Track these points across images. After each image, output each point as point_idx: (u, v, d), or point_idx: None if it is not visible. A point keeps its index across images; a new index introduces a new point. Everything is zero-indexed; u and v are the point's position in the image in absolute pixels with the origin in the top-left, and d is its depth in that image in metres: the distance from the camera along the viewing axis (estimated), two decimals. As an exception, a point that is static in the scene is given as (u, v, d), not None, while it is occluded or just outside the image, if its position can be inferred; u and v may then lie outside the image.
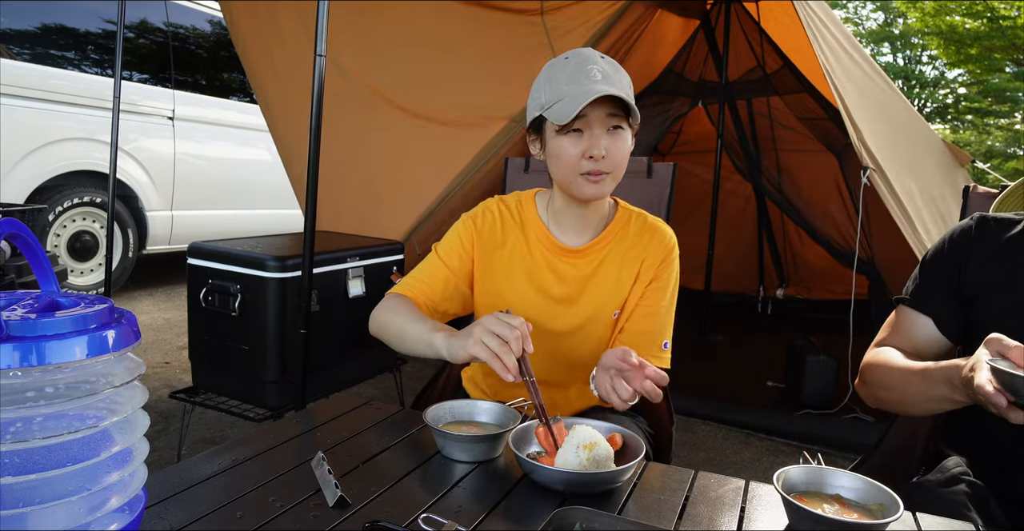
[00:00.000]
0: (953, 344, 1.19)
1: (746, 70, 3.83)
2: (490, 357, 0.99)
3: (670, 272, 1.34)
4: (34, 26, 4.10)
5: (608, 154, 1.18)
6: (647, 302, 1.32)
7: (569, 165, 1.19)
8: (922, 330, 1.18)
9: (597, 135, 1.17)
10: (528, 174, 2.09)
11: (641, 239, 1.33)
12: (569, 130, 1.18)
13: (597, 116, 1.17)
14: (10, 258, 2.14)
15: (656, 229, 1.34)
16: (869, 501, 0.84)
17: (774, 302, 5.05)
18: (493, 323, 1.01)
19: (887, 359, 1.15)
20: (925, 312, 1.18)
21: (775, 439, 2.88)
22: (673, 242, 1.35)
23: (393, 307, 1.27)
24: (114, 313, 0.66)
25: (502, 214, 1.35)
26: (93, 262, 4.46)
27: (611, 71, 1.18)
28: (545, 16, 3.23)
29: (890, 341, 1.22)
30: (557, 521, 0.75)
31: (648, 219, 1.36)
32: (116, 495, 0.64)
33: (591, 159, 1.17)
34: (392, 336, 1.25)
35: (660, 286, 1.32)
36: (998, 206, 1.33)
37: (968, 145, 14.51)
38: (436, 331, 1.13)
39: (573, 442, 0.93)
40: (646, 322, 1.32)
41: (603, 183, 1.20)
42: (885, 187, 2.52)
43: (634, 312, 1.32)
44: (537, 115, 1.23)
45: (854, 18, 16.90)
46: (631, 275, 1.32)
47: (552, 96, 1.18)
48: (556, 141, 1.20)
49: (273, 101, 3.51)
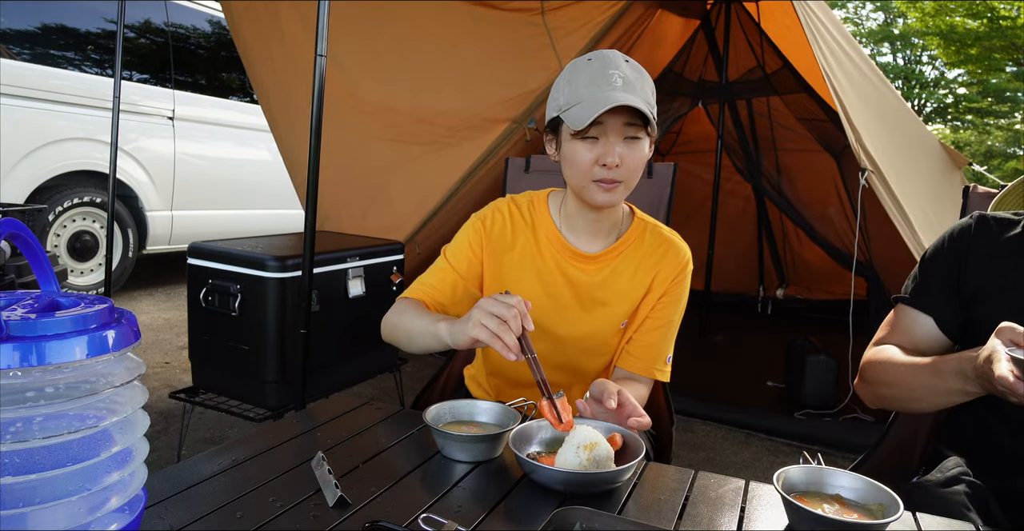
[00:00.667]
0: (952, 343, 1.18)
1: (746, 70, 3.83)
2: (490, 338, 0.99)
3: (683, 288, 1.33)
4: (34, 26, 4.10)
5: (623, 162, 1.16)
6: (657, 315, 1.32)
7: (582, 171, 1.18)
8: (922, 329, 1.18)
9: (612, 143, 1.15)
10: (528, 174, 2.09)
11: (656, 251, 1.32)
12: (584, 136, 1.16)
13: (613, 125, 1.14)
14: (10, 258, 2.14)
15: (672, 244, 1.33)
16: (869, 501, 0.84)
17: (774, 302, 5.06)
18: (490, 304, 1.01)
19: (889, 356, 1.15)
20: (926, 311, 1.18)
21: (775, 439, 2.88)
22: (688, 258, 1.34)
23: (401, 310, 1.27)
24: (114, 313, 0.66)
25: (512, 215, 1.34)
26: (93, 262, 4.46)
27: (634, 77, 1.16)
28: (546, 16, 3.24)
29: (890, 339, 1.21)
30: (557, 521, 0.75)
31: (663, 232, 1.35)
32: (116, 495, 0.64)
33: (604, 167, 1.16)
34: (402, 338, 1.25)
35: (672, 301, 1.32)
36: (996, 205, 1.33)
37: (968, 145, 14.52)
38: (439, 321, 1.13)
39: (573, 442, 0.93)
40: (655, 335, 1.32)
41: (615, 191, 1.19)
42: (883, 189, 2.52)
43: (644, 323, 1.32)
44: (555, 116, 1.21)
45: (854, 18, 16.91)
46: (643, 287, 1.31)
47: (570, 99, 1.16)
48: (571, 145, 1.18)
49: (274, 101, 3.51)
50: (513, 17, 3.23)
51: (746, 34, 3.77)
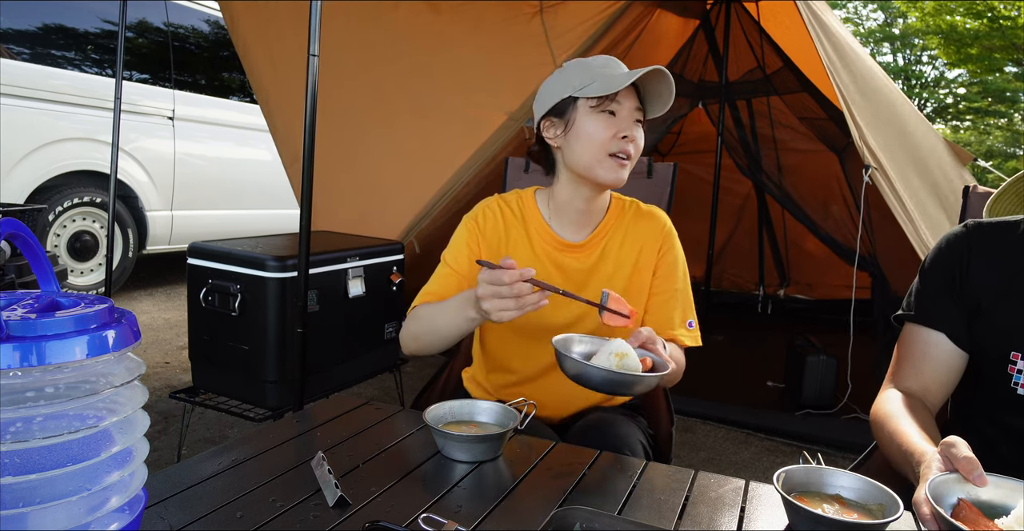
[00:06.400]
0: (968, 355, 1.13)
1: (746, 70, 3.82)
2: (512, 316, 1.04)
3: (674, 256, 1.37)
4: (34, 26, 4.10)
5: (635, 140, 1.25)
6: (658, 290, 1.36)
7: (600, 144, 1.23)
8: (937, 349, 1.12)
9: (627, 118, 1.24)
10: (528, 174, 2.09)
11: (636, 226, 1.37)
12: (604, 110, 1.23)
13: (628, 106, 1.24)
14: (10, 258, 2.14)
15: (650, 215, 1.39)
16: (869, 501, 0.84)
17: (775, 302, 5.05)
18: (485, 297, 1.03)
19: (885, 414, 1.09)
20: (937, 328, 1.13)
21: (775, 439, 2.88)
22: (667, 226, 1.39)
23: (415, 316, 1.28)
24: (114, 313, 0.66)
25: (503, 210, 1.37)
26: (93, 262, 4.46)
27: None
28: (544, 15, 3.24)
29: (906, 371, 1.15)
30: (557, 521, 0.75)
31: (641, 207, 1.40)
32: (116, 495, 0.64)
33: (624, 139, 1.23)
34: (429, 339, 1.25)
35: (667, 272, 1.36)
36: (991, 205, 1.30)
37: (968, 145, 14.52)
38: (462, 307, 1.14)
39: (608, 350, 1.03)
40: (665, 308, 1.35)
41: (626, 168, 1.26)
42: (887, 186, 2.52)
43: (649, 302, 1.36)
44: (566, 97, 1.26)
45: (854, 18, 16.91)
46: (630, 262, 1.35)
47: (587, 78, 1.24)
48: (589, 120, 1.24)
49: (273, 101, 3.51)
50: (509, 16, 3.23)
51: (746, 34, 3.76)
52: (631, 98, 1.25)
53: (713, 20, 3.98)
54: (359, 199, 3.57)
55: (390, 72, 3.39)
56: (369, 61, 3.36)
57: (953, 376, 1.12)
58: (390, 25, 3.28)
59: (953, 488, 0.79)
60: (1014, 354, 1.06)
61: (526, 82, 3.23)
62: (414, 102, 3.41)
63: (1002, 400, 1.08)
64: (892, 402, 1.10)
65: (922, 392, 1.12)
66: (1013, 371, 1.06)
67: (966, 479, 0.79)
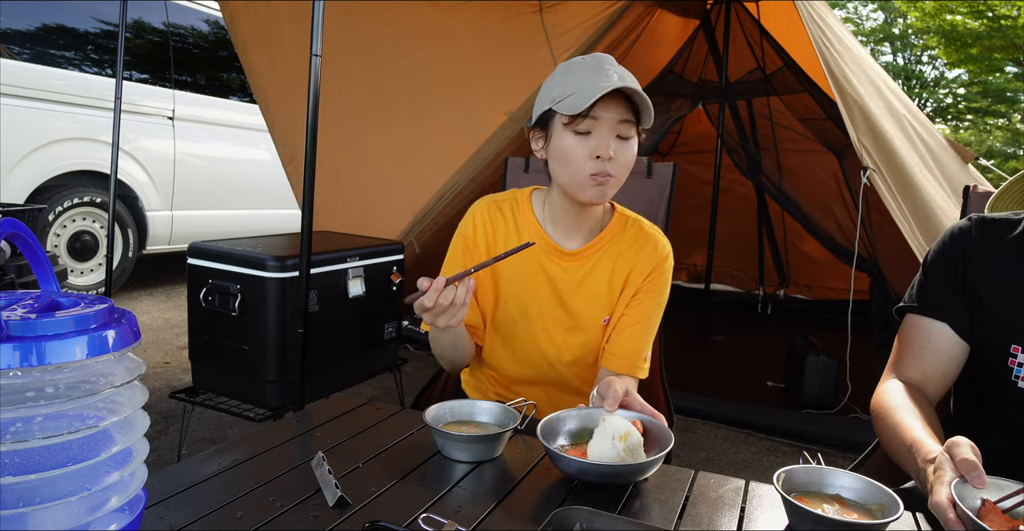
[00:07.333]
0: None
1: (746, 71, 3.82)
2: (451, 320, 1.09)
3: (661, 283, 1.32)
4: (34, 26, 4.10)
5: (615, 157, 1.16)
6: (634, 312, 1.30)
7: (576, 165, 1.17)
8: (940, 339, 1.13)
9: (605, 136, 1.16)
10: (528, 174, 2.08)
11: (633, 247, 1.31)
12: (577, 129, 1.16)
13: (607, 120, 1.15)
14: (10, 258, 2.14)
15: (650, 239, 1.32)
16: (869, 501, 0.84)
17: (774, 302, 5.06)
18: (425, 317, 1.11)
19: (887, 406, 1.08)
20: (940, 318, 1.13)
21: (775, 439, 2.88)
22: (666, 253, 1.32)
23: (430, 340, 1.32)
24: (114, 313, 0.66)
25: (492, 217, 1.33)
26: (93, 262, 4.45)
27: (626, 75, 1.18)
28: (543, 14, 3.24)
29: (907, 362, 1.15)
30: (557, 521, 0.75)
31: (644, 227, 1.34)
32: (116, 495, 0.64)
33: (598, 159, 1.16)
34: (448, 360, 1.34)
35: (649, 297, 1.31)
36: (993, 203, 1.30)
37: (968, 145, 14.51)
38: None
39: (607, 434, 0.94)
40: (634, 331, 1.30)
41: (606, 186, 1.18)
42: (885, 187, 2.52)
43: (622, 320, 1.31)
44: (547, 109, 1.21)
45: (854, 18, 16.90)
46: (620, 282, 1.31)
47: (566, 90, 1.16)
48: (563, 139, 1.18)
49: (273, 101, 3.51)
50: (510, 16, 3.23)
51: (746, 34, 3.76)
52: (614, 110, 1.15)
53: (713, 20, 3.98)
54: (359, 199, 3.57)
55: (390, 72, 3.39)
56: (369, 61, 3.36)
57: (955, 367, 1.12)
58: (390, 25, 3.28)
59: (974, 490, 0.79)
60: (1014, 347, 1.06)
61: (526, 82, 3.24)
62: (414, 102, 3.41)
63: (1003, 393, 1.08)
64: (893, 393, 1.10)
65: (923, 382, 1.12)
66: (1014, 364, 1.06)
67: (964, 480, 0.78)
